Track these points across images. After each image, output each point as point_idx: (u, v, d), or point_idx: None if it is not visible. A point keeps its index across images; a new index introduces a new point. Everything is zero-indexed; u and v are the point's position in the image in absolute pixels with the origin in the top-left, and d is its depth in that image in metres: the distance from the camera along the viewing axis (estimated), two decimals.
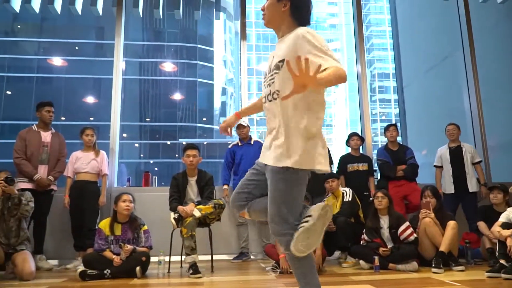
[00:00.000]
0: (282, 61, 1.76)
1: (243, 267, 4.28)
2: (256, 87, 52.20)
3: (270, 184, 1.78)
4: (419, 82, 10.33)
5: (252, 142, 5.00)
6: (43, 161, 4.39)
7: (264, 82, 1.88)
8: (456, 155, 4.91)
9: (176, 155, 33.27)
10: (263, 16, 1.89)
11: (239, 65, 6.29)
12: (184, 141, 31.41)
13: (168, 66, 36.52)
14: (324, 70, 1.58)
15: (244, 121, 5.03)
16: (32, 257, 3.76)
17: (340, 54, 50.74)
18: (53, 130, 4.60)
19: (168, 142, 35.12)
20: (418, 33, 10.26)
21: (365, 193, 4.80)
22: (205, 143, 33.29)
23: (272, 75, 1.82)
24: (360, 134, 5.29)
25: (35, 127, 4.51)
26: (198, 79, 37.60)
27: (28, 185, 4.26)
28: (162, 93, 35.86)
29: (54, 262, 4.58)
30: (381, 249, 3.74)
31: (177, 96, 36.21)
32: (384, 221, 3.92)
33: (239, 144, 4.99)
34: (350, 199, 4.31)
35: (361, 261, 3.85)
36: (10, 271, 3.69)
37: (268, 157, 1.81)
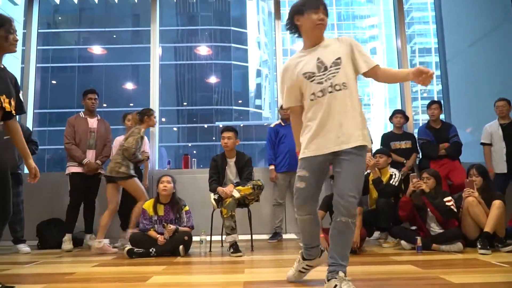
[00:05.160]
0: (339, 58, 2.15)
1: (281, 246, 4.34)
2: None
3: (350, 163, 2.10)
4: (463, 56, 9.81)
5: None
6: (91, 146, 4.59)
7: (319, 78, 2.15)
8: (509, 132, 4.67)
9: (214, 138, 33.75)
10: (323, 23, 2.17)
11: (274, 46, 6.22)
12: (220, 124, 31.76)
13: (203, 49, 36.78)
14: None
15: None
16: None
17: (378, 30, 49.12)
18: (99, 117, 4.79)
19: (205, 125, 35.63)
20: (463, 3, 9.68)
21: (409, 172, 4.68)
22: (242, 125, 33.49)
23: (334, 70, 2.14)
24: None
25: (82, 114, 4.71)
26: (233, 62, 37.65)
27: (78, 169, 4.49)
28: (197, 77, 36.26)
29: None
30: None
31: (213, 80, 36.50)
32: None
33: (282, 124, 5.01)
34: (396, 184, 4.17)
35: (403, 242, 3.79)
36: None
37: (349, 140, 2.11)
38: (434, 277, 2.48)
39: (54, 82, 32.08)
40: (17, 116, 2.46)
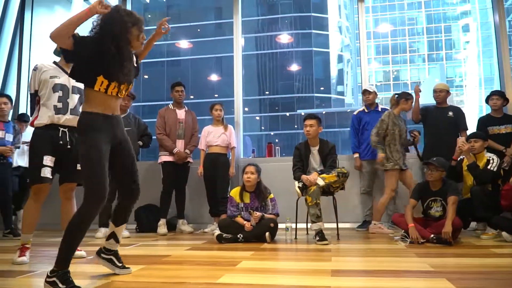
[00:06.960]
0: None
1: (369, 235, 4.23)
2: (374, 51, 49.45)
3: None
4: None
5: (379, 109, 4.83)
6: (180, 136, 4.87)
7: None
8: None
9: (296, 126, 33.76)
10: None
11: (356, 29, 5.98)
12: (302, 112, 31.66)
13: (284, 37, 36.81)
14: None
15: (371, 86, 4.88)
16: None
17: (470, 5, 44.88)
18: (186, 108, 5.05)
19: (287, 114, 35.75)
20: None
21: None
22: (324, 112, 33.00)
23: None
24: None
25: (171, 106, 5.00)
26: (314, 48, 37.13)
27: (169, 158, 4.79)
28: (279, 66, 36.43)
29: (194, 226, 5.12)
30: None
31: (294, 67, 36.40)
32: None
33: (366, 110, 4.86)
34: (495, 169, 3.80)
35: (504, 233, 3.47)
36: None
37: None
38: None
39: (146, 76, 34.43)
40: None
